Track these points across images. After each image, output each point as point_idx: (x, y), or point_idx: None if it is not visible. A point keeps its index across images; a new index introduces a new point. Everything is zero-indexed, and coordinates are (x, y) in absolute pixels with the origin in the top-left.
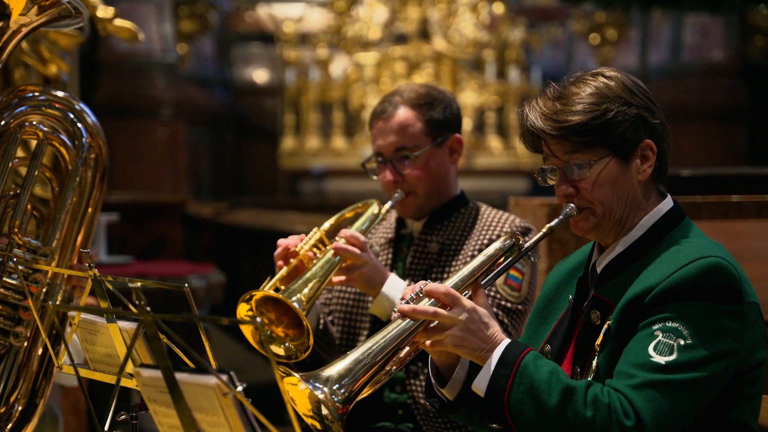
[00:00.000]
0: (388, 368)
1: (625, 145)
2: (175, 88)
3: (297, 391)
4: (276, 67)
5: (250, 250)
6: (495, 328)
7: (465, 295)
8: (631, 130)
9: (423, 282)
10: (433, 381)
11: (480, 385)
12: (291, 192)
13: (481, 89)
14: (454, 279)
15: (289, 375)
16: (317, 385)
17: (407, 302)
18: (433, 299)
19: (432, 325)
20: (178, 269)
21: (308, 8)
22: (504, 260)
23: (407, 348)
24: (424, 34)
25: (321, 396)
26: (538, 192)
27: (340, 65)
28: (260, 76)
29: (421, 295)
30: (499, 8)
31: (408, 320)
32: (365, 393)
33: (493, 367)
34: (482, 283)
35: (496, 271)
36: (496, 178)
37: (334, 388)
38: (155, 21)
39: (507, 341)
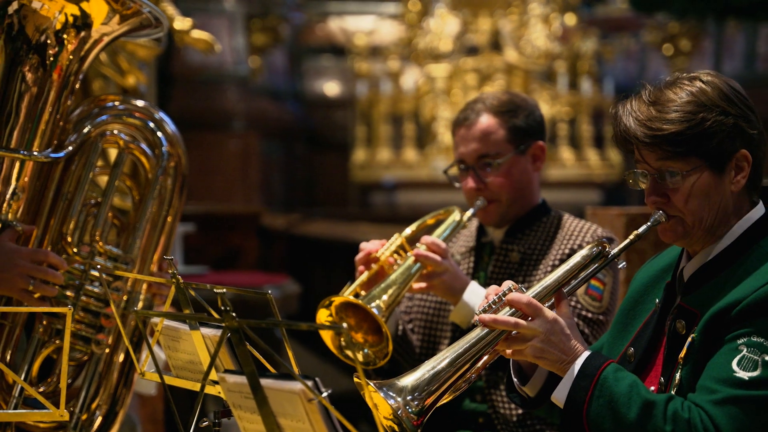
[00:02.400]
0: (467, 376)
1: (720, 156)
2: (247, 100)
3: (378, 397)
4: (347, 80)
5: (323, 262)
6: (576, 340)
7: (548, 304)
8: (728, 141)
9: (509, 282)
10: (514, 379)
11: (559, 396)
12: (362, 204)
13: (553, 101)
14: (537, 288)
15: (367, 383)
16: (391, 394)
17: (487, 307)
18: (514, 309)
19: (513, 334)
20: (253, 279)
21: (379, 21)
22: (589, 269)
23: (486, 356)
24: (496, 45)
25: (394, 406)
26: (610, 203)
27: (411, 77)
28: (331, 88)
29: (503, 299)
30: (571, 19)
31: (488, 329)
32: (444, 400)
33: (573, 379)
34: (565, 291)
35: (580, 279)
36: (568, 189)
37: (408, 399)
38: (227, 34)
39: (587, 353)
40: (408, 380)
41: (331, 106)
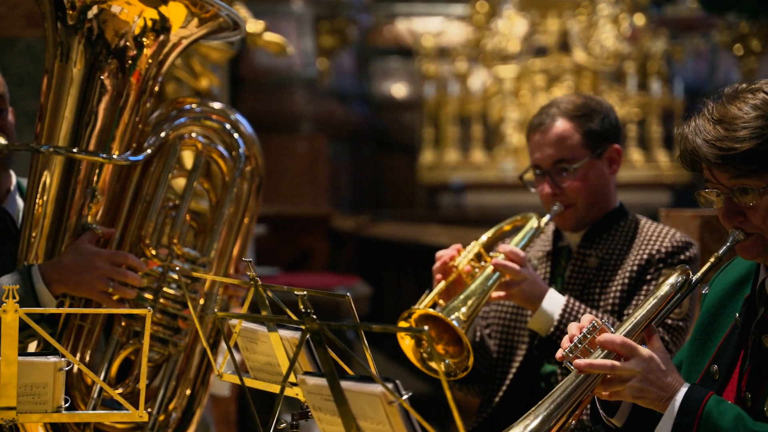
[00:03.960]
0: (568, 424)
1: None
2: (315, 102)
3: None
4: (415, 81)
5: (393, 263)
6: (673, 374)
7: (639, 339)
8: None
9: (589, 317)
10: (600, 411)
11: None
12: (429, 205)
13: (622, 102)
14: (628, 326)
15: None
16: None
17: (573, 347)
18: (607, 350)
19: (608, 377)
20: (324, 281)
21: (447, 22)
22: (675, 298)
23: (585, 401)
24: (564, 46)
25: None
26: (681, 205)
27: (479, 78)
28: (399, 90)
29: (588, 336)
30: (640, 19)
31: (584, 375)
32: None
33: (675, 416)
34: (654, 321)
35: (666, 309)
36: (637, 191)
37: None
38: (296, 37)
39: (686, 387)
40: None
41: (398, 107)
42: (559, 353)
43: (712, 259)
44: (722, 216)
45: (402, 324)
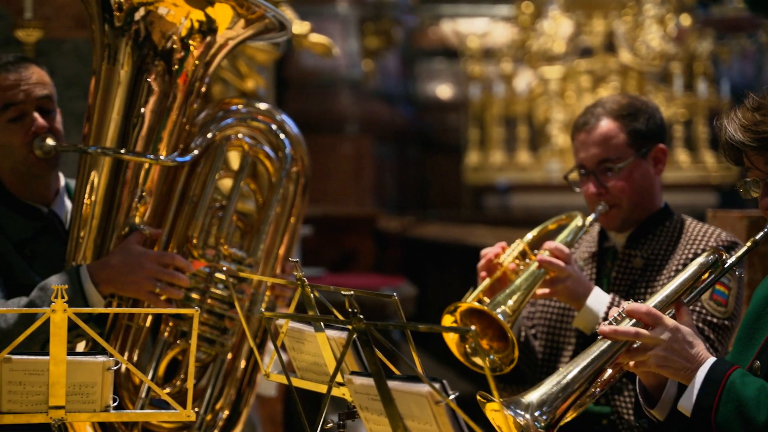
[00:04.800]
0: (591, 391)
1: None
2: (360, 104)
3: (501, 417)
4: (460, 82)
5: (438, 264)
6: (699, 347)
7: (668, 314)
8: None
9: (627, 303)
10: (641, 402)
11: (686, 404)
12: (474, 206)
13: (668, 102)
14: (657, 298)
15: (490, 401)
16: (519, 411)
17: (609, 323)
18: (634, 319)
19: (634, 345)
20: (369, 281)
21: (492, 23)
22: (707, 276)
23: (610, 370)
24: (610, 47)
25: (523, 422)
26: (727, 206)
27: (524, 79)
28: (444, 91)
29: (623, 315)
30: (686, 20)
31: (609, 341)
32: (569, 417)
33: (698, 386)
34: (685, 300)
35: (699, 288)
36: (684, 192)
37: (536, 414)
38: (341, 38)
39: (712, 359)
40: (533, 396)
41: (443, 108)
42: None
43: (748, 244)
44: (760, 203)
45: (447, 317)
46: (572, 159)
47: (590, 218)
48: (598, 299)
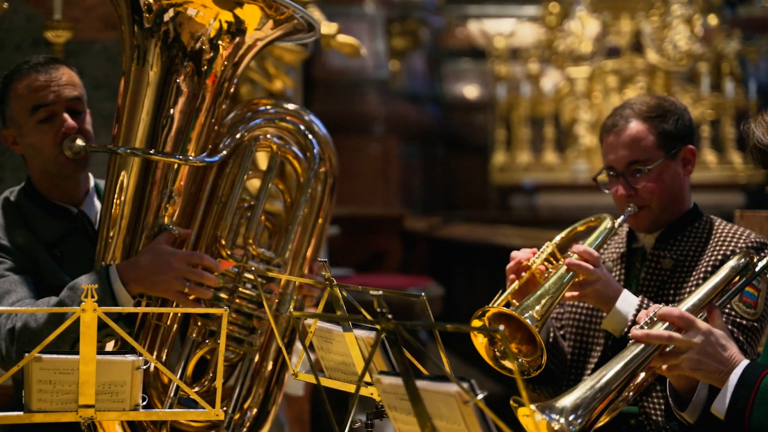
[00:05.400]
0: (624, 395)
1: None
2: (387, 104)
3: (532, 423)
4: (487, 83)
5: (465, 264)
6: (732, 350)
7: (701, 317)
8: None
9: (657, 306)
10: (672, 404)
11: (719, 407)
12: (501, 207)
13: (695, 103)
14: (689, 302)
15: (522, 405)
16: (553, 416)
17: (640, 327)
18: (667, 323)
19: (667, 349)
20: (397, 282)
21: (519, 23)
22: (738, 280)
23: (643, 374)
24: (637, 47)
25: (557, 427)
26: (755, 206)
27: (551, 80)
28: (471, 91)
29: (655, 319)
30: (713, 20)
31: (642, 345)
32: (602, 421)
33: (732, 389)
34: (717, 304)
35: (731, 292)
36: (711, 192)
37: (570, 418)
38: (368, 38)
39: (745, 362)
40: (567, 400)
41: (470, 109)
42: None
43: None
44: None
45: (475, 322)
46: (599, 159)
47: (619, 220)
48: (627, 301)
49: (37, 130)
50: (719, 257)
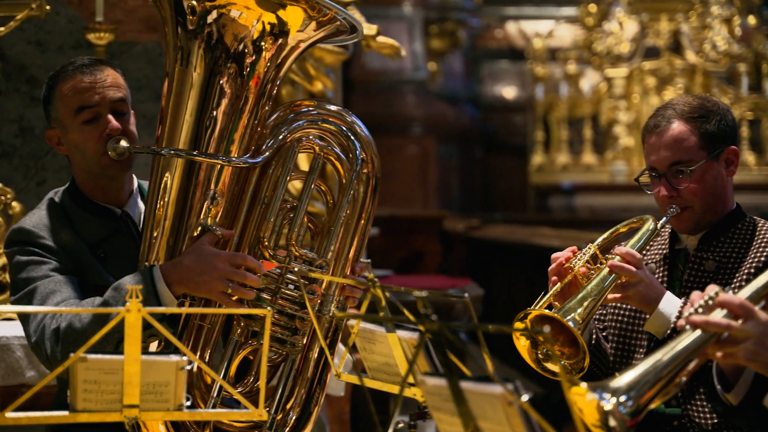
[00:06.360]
0: (676, 380)
1: None
2: (425, 105)
3: (583, 402)
4: (525, 83)
5: (503, 265)
6: None
7: (759, 307)
8: None
9: (713, 286)
10: (717, 386)
11: None
12: (540, 207)
13: (734, 103)
14: (748, 290)
15: (575, 384)
16: (605, 395)
17: (693, 311)
18: (725, 311)
19: (724, 337)
20: (436, 283)
21: (557, 24)
22: None
23: (697, 359)
24: (676, 47)
25: (608, 407)
26: None
27: (589, 80)
28: (509, 92)
29: (711, 303)
30: (752, 20)
31: (699, 332)
32: (654, 404)
33: None
34: None
35: None
36: (750, 192)
37: (622, 399)
38: (406, 39)
39: None
40: (621, 381)
41: (508, 109)
42: (680, 322)
43: None
44: None
45: (517, 325)
46: (637, 160)
47: (662, 221)
48: (670, 303)
49: (81, 131)
50: (763, 258)
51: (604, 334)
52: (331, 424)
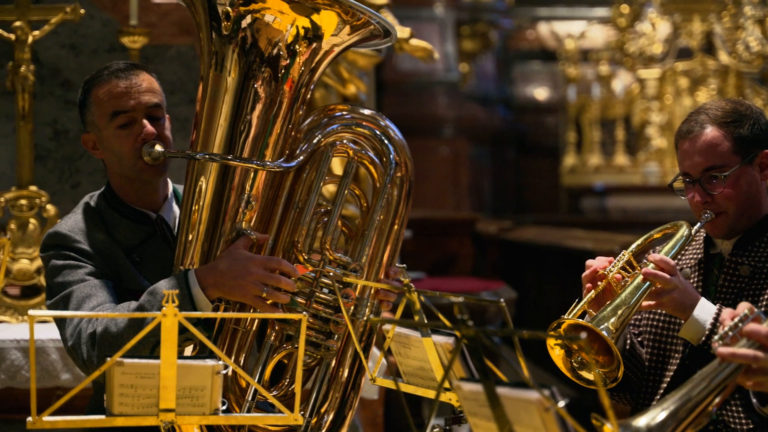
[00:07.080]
0: (708, 410)
1: None
2: (457, 106)
3: None
4: (557, 85)
5: (536, 267)
6: None
7: None
8: None
9: (745, 305)
10: (753, 399)
11: None
12: (572, 209)
13: (767, 104)
14: None
15: (603, 424)
16: None
17: (723, 334)
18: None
19: (754, 366)
20: (470, 285)
21: (589, 25)
22: None
23: (728, 388)
24: (708, 48)
25: None
26: None
27: (621, 81)
28: (541, 93)
29: (740, 325)
30: None
31: (727, 363)
32: None
33: None
34: None
35: None
36: None
37: None
38: (438, 41)
39: None
40: (649, 419)
41: (540, 111)
42: (713, 345)
43: None
44: None
45: (552, 335)
46: (670, 161)
47: (696, 227)
48: (705, 309)
49: (116, 136)
50: None
51: (639, 339)
52: (364, 427)
